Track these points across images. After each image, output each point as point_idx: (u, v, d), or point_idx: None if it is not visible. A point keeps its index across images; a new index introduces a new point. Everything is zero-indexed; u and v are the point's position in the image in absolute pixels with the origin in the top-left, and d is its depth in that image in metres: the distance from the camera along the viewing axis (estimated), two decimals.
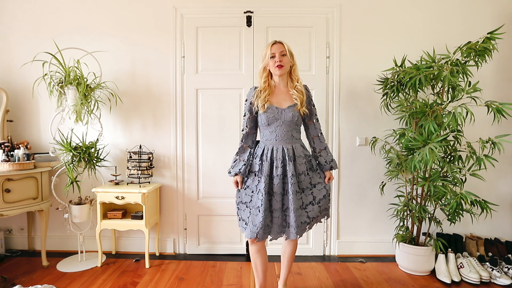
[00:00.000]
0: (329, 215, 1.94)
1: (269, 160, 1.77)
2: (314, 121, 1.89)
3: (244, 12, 2.58)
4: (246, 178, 1.84)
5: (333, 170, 1.91)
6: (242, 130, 1.89)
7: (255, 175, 1.81)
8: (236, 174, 1.84)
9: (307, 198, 1.83)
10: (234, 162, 1.86)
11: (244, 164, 1.82)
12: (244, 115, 1.87)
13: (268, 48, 1.76)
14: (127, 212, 2.57)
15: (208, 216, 2.68)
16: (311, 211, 1.82)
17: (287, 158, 1.76)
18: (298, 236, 1.79)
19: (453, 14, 2.56)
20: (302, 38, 2.58)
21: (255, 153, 1.85)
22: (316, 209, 1.83)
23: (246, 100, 1.88)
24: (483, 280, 2.18)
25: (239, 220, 1.86)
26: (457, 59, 2.14)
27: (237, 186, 1.86)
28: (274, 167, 1.77)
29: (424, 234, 2.41)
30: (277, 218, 1.79)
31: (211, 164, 2.65)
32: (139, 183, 2.47)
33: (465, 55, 2.12)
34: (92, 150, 2.37)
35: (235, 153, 1.89)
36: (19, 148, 2.42)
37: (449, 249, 2.41)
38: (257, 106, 1.79)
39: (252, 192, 1.82)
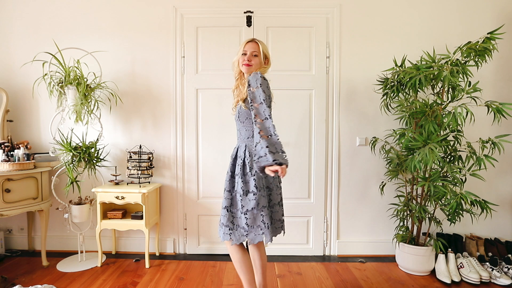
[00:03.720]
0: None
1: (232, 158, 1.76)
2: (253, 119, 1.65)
3: (244, 12, 2.58)
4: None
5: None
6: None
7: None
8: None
9: None
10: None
11: None
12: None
13: (243, 44, 1.73)
14: (127, 212, 2.57)
15: (208, 216, 2.68)
16: None
17: (235, 156, 1.75)
18: None
19: (453, 14, 2.56)
20: (302, 38, 2.58)
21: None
22: None
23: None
24: (483, 280, 2.18)
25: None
26: (457, 59, 2.15)
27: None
28: (231, 165, 1.73)
29: (424, 234, 2.41)
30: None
31: (211, 164, 2.65)
32: (139, 183, 2.47)
33: (465, 55, 2.12)
34: (92, 150, 2.37)
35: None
36: (19, 148, 2.42)
37: (449, 249, 2.41)
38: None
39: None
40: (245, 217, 1.62)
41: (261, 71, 1.69)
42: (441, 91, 2.23)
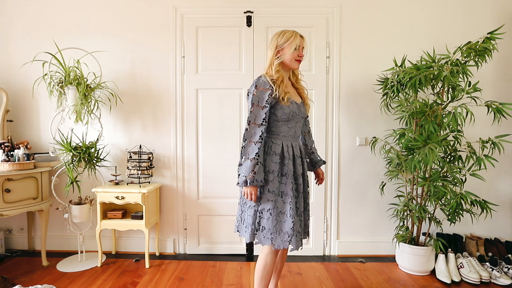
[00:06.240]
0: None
1: (291, 158, 1.62)
2: (307, 117, 1.90)
3: (244, 12, 2.58)
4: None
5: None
6: (250, 123, 1.55)
7: (275, 176, 1.58)
8: (261, 184, 1.54)
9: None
10: (255, 167, 1.50)
11: (264, 171, 1.58)
12: (259, 106, 1.55)
13: (297, 38, 1.62)
14: (127, 212, 2.57)
15: (208, 216, 2.68)
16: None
17: (302, 156, 1.72)
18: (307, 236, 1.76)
19: (453, 14, 2.56)
20: None
21: (269, 151, 1.60)
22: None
23: (258, 89, 1.55)
24: (483, 280, 2.18)
25: (261, 229, 1.59)
26: (457, 59, 2.15)
27: (254, 199, 1.56)
28: (297, 165, 1.64)
29: (424, 234, 2.41)
30: (301, 222, 1.66)
31: (211, 164, 2.65)
32: (139, 183, 2.47)
33: (465, 55, 2.12)
34: (92, 150, 2.37)
35: (251, 154, 1.52)
36: (19, 148, 2.42)
37: (449, 249, 2.41)
38: (276, 97, 1.57)
39: (275, 195, 1.58)
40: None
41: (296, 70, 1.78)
42: (441, 91, 2.23)
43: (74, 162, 2.30)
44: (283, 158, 1.61)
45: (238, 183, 1.55)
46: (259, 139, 1.53)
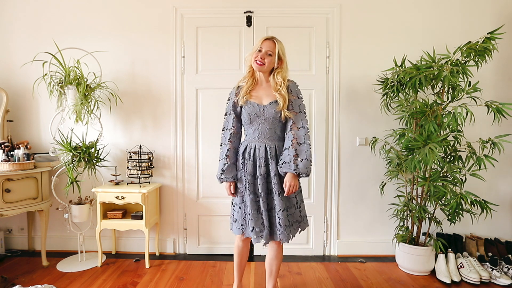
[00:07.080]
0: (308, 224, 1.86)
1: (252, 159, 1.73)
2: (299, 127, 1.71)
3: (244, 12, 2.58)
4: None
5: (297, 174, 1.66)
6: (223, 130, 1.83)
7: (241, 174, 1.78)
8: (231, 181, 1.77)
9: (290, 201, 1.75)
10: (225, 166, 1.75)
11: (237, 170, 1.79)
12: (226, 114, 1.84)
13: (261, 41, 1.71)
14: (127, 212, 2.57)
15: (208, 216, 2.68)
16: (291, 215, 1.75)
17: (269, 157, 1.70)
18: (282, 239, 1.70)
19: (453, 14, 2.56)
20: (302, 38, 2.58)
21: (239, 152, 1.81)
22: (297, 214, 1.77)
23: (228, 100, 1.85)
24: (483, 280, 2.18)
25: (232, 220, 1.86)
26: (457, 59, 2.14)
27: (231, 193, 1.80)
28: (257, 166, 1.72)
29: (424, 234, 2.41)
30: (266, 220, 1.72)
31: (211, 164, 2.65)
32: (139, 183, 2.47)
33: (465, 55, 2.12)
34: (92, 150, 2.37)
35: (222, 155, 1.79)
36: (19, 148, 2.42)
37: (449, 249, 2.41)
38: (238, 100, 1.76)
39: (242, 191, 1.78)
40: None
41: (278, 73, 1.72)
42: (441, 91, 2.23)
43: (74, 162, 2.30)
44: (244, 158, 1.76)
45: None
46: (228, 141, 1.78)
